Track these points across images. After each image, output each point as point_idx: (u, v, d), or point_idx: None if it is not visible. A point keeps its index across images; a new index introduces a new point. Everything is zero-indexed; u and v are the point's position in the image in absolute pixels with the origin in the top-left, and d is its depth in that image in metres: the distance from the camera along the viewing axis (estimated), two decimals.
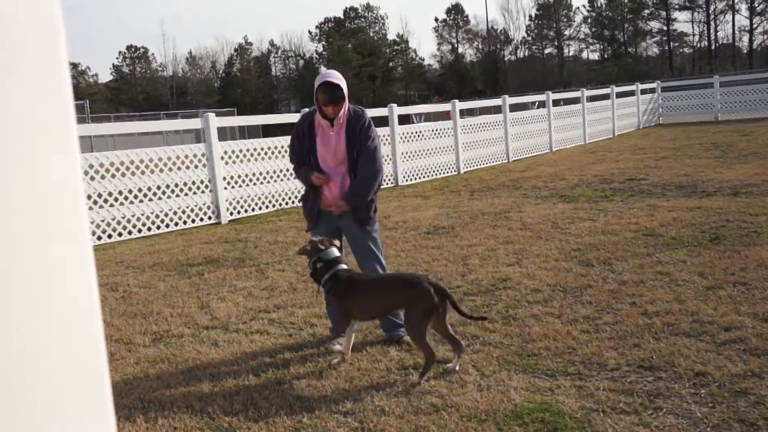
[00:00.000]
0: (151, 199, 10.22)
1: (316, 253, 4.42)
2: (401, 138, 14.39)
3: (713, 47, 70.07)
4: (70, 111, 0.55)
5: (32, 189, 0.52)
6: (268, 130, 33.73)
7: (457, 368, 4.16)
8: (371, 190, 4.68)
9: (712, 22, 69.33)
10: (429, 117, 23.41)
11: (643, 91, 26.94)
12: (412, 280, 4.22)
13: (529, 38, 77.67)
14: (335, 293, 4.32)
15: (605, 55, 74.97)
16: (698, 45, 71.94)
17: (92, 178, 9.55)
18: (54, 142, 0.53)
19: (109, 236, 9.74)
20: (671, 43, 71.69)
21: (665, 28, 71.19)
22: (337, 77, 4.56)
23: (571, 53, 78.77)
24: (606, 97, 23.86)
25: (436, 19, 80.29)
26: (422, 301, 4.06)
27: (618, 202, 9.77)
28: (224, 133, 26.91)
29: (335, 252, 4.44)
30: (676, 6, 69.94)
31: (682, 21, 72.16)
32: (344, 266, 4.42)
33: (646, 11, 72.03)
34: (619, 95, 24.79)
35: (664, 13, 70.61)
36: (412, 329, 4.13)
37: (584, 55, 78.73)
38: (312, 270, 4.45)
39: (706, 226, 7.59)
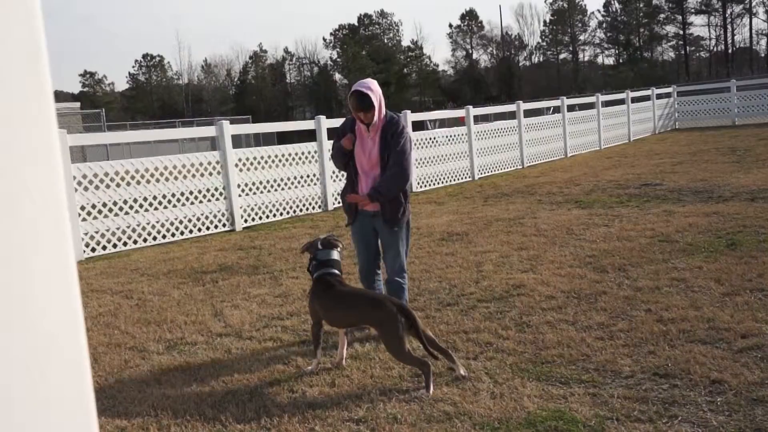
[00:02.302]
0: (166, 207, 10.28)
1: (314, 252, 4.67)
2: (415, 144, 14.38)
3: (730, 51, 69.60)
4: (51, 119, 0.54)
5: (10, 199, 0.51)
6: (283, 137, 33.86)
7: (463, 372, 4.14)
8: (392, 190, 4.92)
9: (728, 26, 68.92)
10: (443, 123, 23.40)
11: (659, 96, 26.77)
12: (376, 300, 4.31)
13: (544, 44, 77.60)
14: (311, 292, 4.58)
15: (620, 60, 74.68)
16: (715, 49, 71.53)
17: (108, 186, 9.61)
18: (33, 152, 0.53)
19: (125, 244, 9.80)
20: (687, 47, 71.32)
21: (681, 32, 70.86)
22: (367, 86, 4.87)
23: (585, 58, 78.64)
24: (621, 102, 23.75)
25: (451, 25, 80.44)
26: (387, 323, 4.11)
27: (633, 208, 9.70)
28: (239, 141, 27.04)
29: (331, 255, 4.63)
30: (693, 10, 69.63)
31: (699, 25, 71.60)
32: (334, 271, 4.57)
33: (662, 15, 71.73)
34: (635, 100, 24.65)
35: (680, 17, 70.32)
36: (389, 350, 4.22)
37: (599, 60, 78.59)
38: (309, 266, 4.72)
39: (722, 232, 7.52)
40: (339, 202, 11.57)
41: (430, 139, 15.06)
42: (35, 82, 0.52)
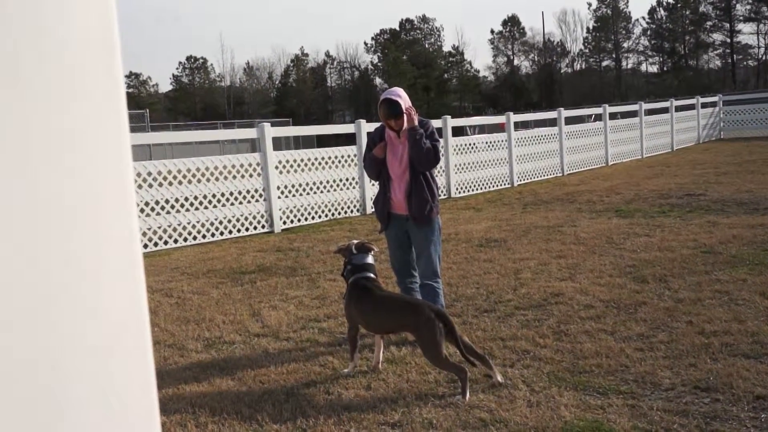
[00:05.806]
0: (206, 207, 10.42)
1: (349, 256, 4.68)
2: (455, 150, 14.36)
3: None
4: (124, 122, 0.56)
5: (87, 198, 0.53)
6: (323, 141, 34.04)
7: (500, 378, 4.12)
8: (427, 152, 4.92)
9: None
10: (483, 129, 23.30)
11: (704, 105, 26.28)
12: (414, 305, 4.30)
13: (587, 50, 76.67)
14: (347, 297, 4.59)
15: (665, 68, 73.47)
16: (764, 57, 69.92)
17: (150, 186, 9.78)
18: (108, 153, 0.54)
19: (165, 243, 9.95)
20: (734, 55, 69.84)
21: (728, 40, 69.40)
22: (396, 94, 5.00)
23: (629, 66, 77.47)
24: (665, 110, 23.37)
25: (492, 31, 79.67)
26: (425, 328, 4.10)
27: (675, 218, 9.54)
28: (279, 143, 27.24)
29: (367, 259, 4.66)
30: (741, 18, 68.16)
31: (747, 33, 69.76)
32: (370, 275, 4.58)
33: (709, 23, 70.33)
34: (679, 109, 24.24)
35: (727, 25, 68.88)
36: (426, 355, 4.21)
37: (643, 67, 77.35)
38: (343, 270, 4.75)
39: None
40: None
41: (470, 144, 15.01)
42: (110, 81, 0.54)
